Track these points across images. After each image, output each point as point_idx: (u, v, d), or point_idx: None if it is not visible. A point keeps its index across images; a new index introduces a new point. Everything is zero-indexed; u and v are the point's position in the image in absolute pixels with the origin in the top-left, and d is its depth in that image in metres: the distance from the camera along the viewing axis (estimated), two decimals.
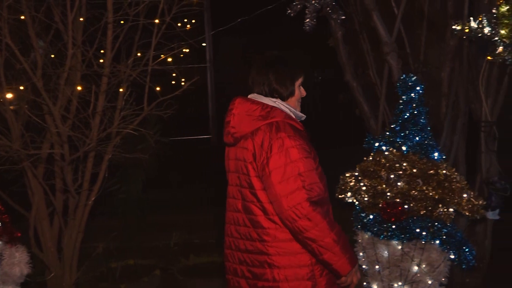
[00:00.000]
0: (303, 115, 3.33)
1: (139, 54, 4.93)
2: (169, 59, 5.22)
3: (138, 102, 4.87)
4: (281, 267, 3.12)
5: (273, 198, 3.05)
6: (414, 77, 4.59)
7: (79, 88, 4.65)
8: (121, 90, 4.80)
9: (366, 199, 4.55)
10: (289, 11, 5.22)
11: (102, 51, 4.79)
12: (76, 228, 4.91)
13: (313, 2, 5.16)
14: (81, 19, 4.74)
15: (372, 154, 4.64)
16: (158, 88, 4.83)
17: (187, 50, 5.66)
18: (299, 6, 5.21)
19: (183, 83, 4.98)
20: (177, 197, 9.06)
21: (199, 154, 10.16)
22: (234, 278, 3.28)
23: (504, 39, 4.39)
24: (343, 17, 5.48)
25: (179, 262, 6.71)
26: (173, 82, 5.52)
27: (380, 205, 4.46)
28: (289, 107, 3.25)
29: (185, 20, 5.67)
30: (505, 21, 4.36)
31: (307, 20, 5.19)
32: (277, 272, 3.12)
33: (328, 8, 5.28)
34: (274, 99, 3.25)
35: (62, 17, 4.66)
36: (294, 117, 3.25)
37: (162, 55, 4.93)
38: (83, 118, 4.65)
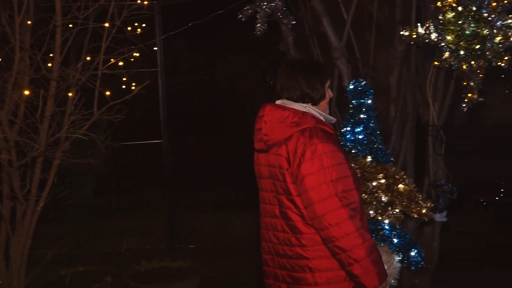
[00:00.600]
0: (333, 118, 3.33)
1: (88, 58, 4.87)
2: (120, 63, 5.18)
3: (88, 106, 4.81)
4: (322, 270, 3.09)
5: (306, 204, 3.04)
6: (364, 82, 4.64)
7: (26, 92, 4.56)
8: (70, 94, 4.73)
9: None
10: (240, 15, 5.22)
11: (50, 55, 4.72)
12: (24, 235, 4.81)
13: (264, 7, 5.16)
14: (29, 22, 4.66)
15: None
16: (108, 93, 4.78)
17: (138, 54, 5.61)
18: (250, 11, 5.21)
19: (133, 88, 4.93)
20: (128, 202, 8.97)
21: (150, 158, 10.08)
22: (276, 283, 3.24)
23: (450, 45, 4.46)
24: (294, 22, 5.49)
25: (131, 268, 6.63)
26: (124, 87, 5.46)
27: None
28: (320, 112, 3.24)
29: (136, 24, 5.62)
30: (451, 28, 4.43)
31: (258, 25, 5.19)
32: (318, 275, 3.09)
33: (279, 13, 5.29)
34: (304, 104, 3.23)
35: (9, 20, 4.58)
36: (325, 121, 3.23)
37: (112, 59, 4.87)
38: (31, 123, 4.57)
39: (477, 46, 4.40)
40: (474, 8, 4.38)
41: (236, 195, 8.97)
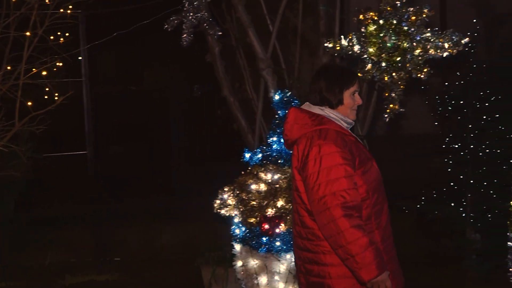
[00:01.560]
0: (351, 121, 3.38)
1: (9, 68, 4.73)
2: (44, 73, 5.06)
3: (9, 117, 4.68)
4: (328, 265, 3.20)
5: (309, 202, 3.19)
6: (289, 93, 4.70)
7: None
8: None
9: (244, 212, 4.60)
10: (166, 26, 5.20)
11: None
12: None
13: (190, 17, 5.16)
14: None
15: (249, 168, 4.70)
16: (30, 103, 4.66)
17: (61, 64, 5.49)
18: (176, 21, 5.19)
19: (56, 98, 4.83)
20: (51, 214, 8.74)
21: (75, 169, 9.88)
22: (299, 273, 3.39)
23: (372, 57, 4.57)
24: (220, 33, 5.52)
25: (55, 283, 6.46)
26: (46, 97, 5.33)
27: (258, 219, 4.52)
28: (337, 114, 3.32)
29: (59, 33, 5.50)
30: (373, 40, 4.54)
31: (184, 35, 5.19)
32: (322, 269, 3.22)
33: (205, 24, 5.30)
34: (322, 107, 3.33)
35: None
36: (341, 124, 3.31)
37: (34, 69, 4.76)
38: None
39: (398, 58, 4.52)
40: (394, 22, 4.50)
41: (163, 205, 8.87)
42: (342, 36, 4.69)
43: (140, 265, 7.07)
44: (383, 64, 4.56)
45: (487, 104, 5.79)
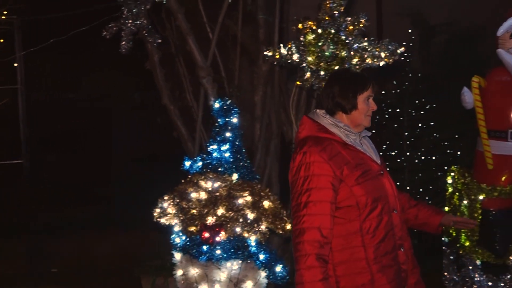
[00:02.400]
0: (356, 132, 3.28)
1: None
2: None
3: None
4: (336, 264, 3.16)
5: None
6: (229, 101, 4.71)
7: None
8: None
9: (184, 221, 4.57)
10: (105, 33, 5.14)
11: None
12: None
13: (129, 25, 5.12)
14: None
15: (189, 176, 4.68)
16: None
17: None
18: (115, 28, 5.15)
19: None
20: None
21: (10, 179, 9.65)
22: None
23: (311, 65, 4.62)
24: (160, 41, 5.49)
25: None
26: None
27: (198, 227, 4.50)
28: (342, 126, 3.25)
29: None
30: (312, 49, 4.59)
31: (123, 42, 5.14)
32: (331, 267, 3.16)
33: (144, 31, 5.26)
34: (324, 113, 3.30)
35: None
36: (345, 133, 3.24)
37: None
38: None
39: (336, 67, 4.58)
40: (332, 31, 4.57)
41: (102, 214, 8.74)
42: (281, 45, 4.73)
43: (78, 276, 6.94)
44: (322, 72, 4.61)
45: (422, 112, 5.94)
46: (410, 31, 6.14)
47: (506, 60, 4.25)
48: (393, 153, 6.01)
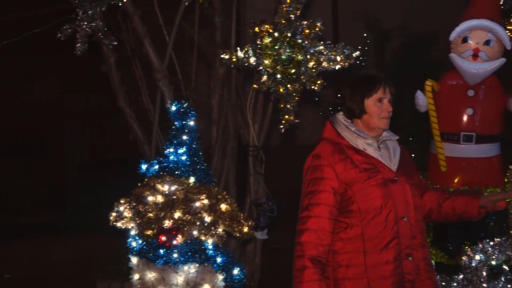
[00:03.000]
0: (370, 136, 3.24)
1: None
2: None
3: None
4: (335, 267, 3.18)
5: None
6: (186, 104, 4.69)
7: None
8: None
9: (141, 225, 4.54)
10: (59, 35, 5.07)
11: None
12: None
13: (84, 26, 5.07)
14: None
15: (146, 179, 4.65)
16: None
17: None
18: (69, 30, 5.08)
19: None
20: None
21: None
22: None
23: (268, 69, 4.64)
24: (115, 43, 5.45)
25: None
26: None
27: (155, 231, 4.47)
28: (353, 130, 3.24)
29: None
30: (268, 52, 4.61)
31: (78, 44, 5.08)
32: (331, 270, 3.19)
33: (100, 34, 5.21)
34: (341, 117, 3.30)
35: None
36: (351, 136, 3.23)
37: None
38: None
39: (293, 71, 4.61)
40: (289, 35, 4.60)
41: (57, 219, 8.62)
42: (238, 48, 4.74)
43: (32, 282, 6.83)
44: (278, 76, 4.64)
45: None
46: (365, 35, 6.21)
47: (458, 64, 4.34)
48: None
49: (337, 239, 3.16)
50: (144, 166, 4.72)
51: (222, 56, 4.80)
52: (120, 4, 5.22)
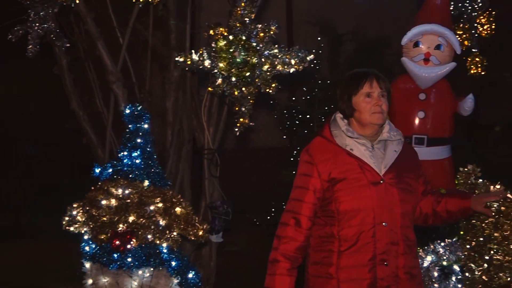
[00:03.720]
0: (362, 135, 3.21)
1: None
2: None
3: None
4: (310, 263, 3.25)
5: None
6: (140, 107, 4.66)
7: None
8: None
9: (94, 229, 4.49)
10: (10, 36, 4.99)
11: None
12: None
13: (36, 28, 4.99)
14: None
15: (100, 183, 4.60)
16: None
17: None
18: (21, 32, 5.00)
19: None
20: None
21: None
22: None
23: (223, 72, 4.64)
24: (68, 45, 5.39)
25: None
26: None
27: (109, 235, 4.43)
28: (343, 129, 3.22)
29: None
30: (223, 55, 4.61)
31: (30, 46, 5.00)
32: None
33: (52, 35, 5.14)
34: (339, 116, 3.29)
35: None
36: (340, 135, 3.22)
37: None
38: None
39: (247, 74, 4.62)
40: (244, 38, 4.60)
41: (7, 224, 8.46)
42: (193, 51, 4.73)
43: None
44: (233, 79, 4.64)
45: None
46: (319, 39, 6.28)
47: (410, 68, 4.42)
48: None
49: (315, 236, 3.20)
50: (97, 170, 4.67)
51: (176, 58, 4.79)
52: (73, 6, 5.15)
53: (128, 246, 4.41)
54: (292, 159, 6.23)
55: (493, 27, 5.80)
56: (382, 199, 3.12)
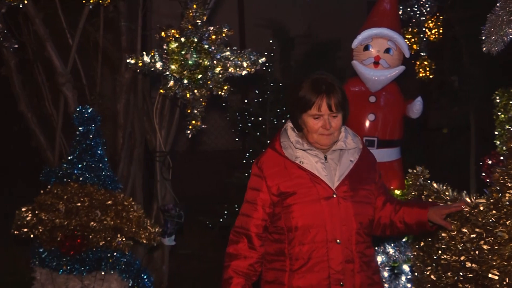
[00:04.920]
0: (310, 148, 3.06)
1: None
2: None
3: None
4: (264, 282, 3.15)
5: None
6: (91, 109, 4.61)
7: None
8: None
9: (44, 233, 4.42)
10: None
11: None
12: None
13: None
14: None
15: (49, 186, 4.53)
16: None
17: None
18: None
19: None
20: None
21: None
22: None
23: (175, 74, 4.63)
24: (16, 46, 5.30)
25: None
26: None
27: (59, 239, 4.37)
28: (292, 141, 3.08)
29: None
30: (175, 57, 4.60)
31: None
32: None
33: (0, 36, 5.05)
34: (290, 125, 3.14)
35: None
36: (289, 146, 3.09)
37: None
38: None
39: (199, 76, 4.62)
40: (195, 40, 4.61)
41: None
42: (144, 53, 4.71)
43: None
44: (185, 81, 4.64)
45: (283, 121, 6.11)
46: (271, 41, 6.31)
47: (360, 71, 4.47)
48: None
49: (267, 253, 3.08)
50: (47, 173, 4.60)
51: (128, 60, 4.76)
52: (21, 6, 5.07)
53: (79, 250, 4.36)
54: (244, 161, 6.24)
55: (440, 31, 5.94)
56: (335, 214, 2.97)
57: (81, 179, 4.48)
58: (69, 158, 4.58)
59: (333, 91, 3.03)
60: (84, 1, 5.07)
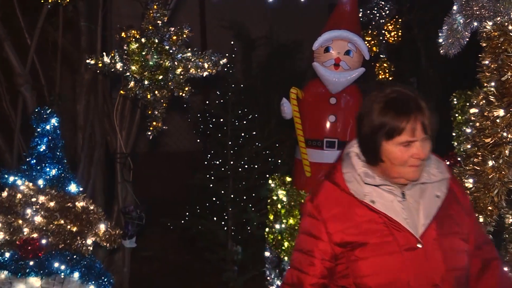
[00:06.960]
0: (385, 182, 2.37)
1: None
2: None
3: None
4: None
5: None
6: (50, 110, 4.55)
7: None
8: None
9: (1, 236, 4.35)
10: None
11: None
12: None
13: None
14: None
15: (7, 189, 4.45)
16: None
17: None
18: None
19: None
20: None
21: None
22: None
23: (135, 75, 4.60)
24: None
25: None
26: None
27: (17, 242, 4.30)
28: (360, 172, 2.39)
29: None
30: (135, 58, 4.57)
31: None
32: None
33: None
34: (355, 150, 2.47)
35: None
36: (356, 181, 2.40)
37: None
38: None
39: (160, 77, 4.60)
40: (156, 41, 4.58)
41: None
42: (104, 53, 4.67)
43: None
44: (146, 82, 4.62)
45: (245, 122, 6.12)
46: (232, 43, 6.32)
47: (321, 73, 4.50)
48: (218, 162, 6.13)
49: None
50: (5, 175, 4.52)
51: (87, 61, 4.71)
52: None
53: (38, 254, 4.29)
54: (206, 162, 6.23)
55: (399, 34, 6.03)
56: (421, 271, 2.26)
57: (39, 181, 4.42)
58: (27, 160, 4.51)
59: (421, 108, 2.34)
60: (42, 1, 5.00)
